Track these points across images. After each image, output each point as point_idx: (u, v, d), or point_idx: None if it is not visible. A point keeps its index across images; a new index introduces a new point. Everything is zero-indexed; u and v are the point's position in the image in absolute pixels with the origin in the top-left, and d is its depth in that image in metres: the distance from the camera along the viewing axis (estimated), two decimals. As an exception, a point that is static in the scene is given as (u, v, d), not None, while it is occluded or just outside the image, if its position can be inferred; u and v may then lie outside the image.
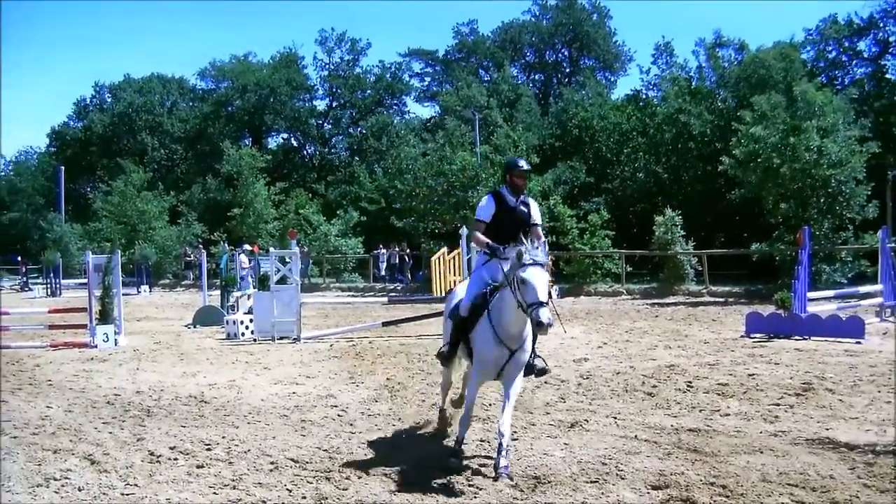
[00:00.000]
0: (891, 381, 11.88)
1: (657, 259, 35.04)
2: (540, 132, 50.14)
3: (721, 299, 29.47)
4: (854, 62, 43.83)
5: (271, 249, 22.18)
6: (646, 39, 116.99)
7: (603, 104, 51.21)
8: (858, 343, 16.21)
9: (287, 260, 20.07)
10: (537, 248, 7.62)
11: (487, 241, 8.31)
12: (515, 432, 9.02)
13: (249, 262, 26.65)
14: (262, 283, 20.62)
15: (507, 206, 8.46)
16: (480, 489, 7.19)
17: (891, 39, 42.63)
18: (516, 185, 8.55)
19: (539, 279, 7.40)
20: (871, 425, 9.36)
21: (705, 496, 6.93)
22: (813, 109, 29.42)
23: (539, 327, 7.25)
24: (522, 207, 8.53)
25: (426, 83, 71.46)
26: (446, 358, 8.76)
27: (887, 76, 43.04)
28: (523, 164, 8.66)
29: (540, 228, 8.55)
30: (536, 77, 68.84)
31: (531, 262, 7.46)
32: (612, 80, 66.10)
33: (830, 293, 22.02)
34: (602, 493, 7.09)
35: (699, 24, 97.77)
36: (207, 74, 71.85)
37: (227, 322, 20.18)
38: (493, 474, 7.48)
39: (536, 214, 8.63)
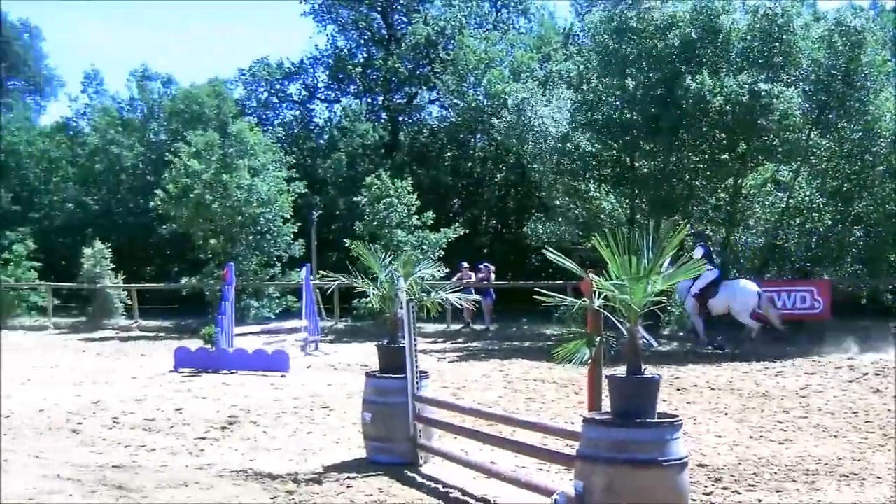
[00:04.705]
0: (312, 412, 12.50)
1: (86, 292, 33.45)
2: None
3: (151, 334, 28.77)
4: (284, 104, 46.05)
5: None
6: (80, 66, 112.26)
7: (31, 129, 47.68)
8: (283, 376, 16.69)
9: None
10: None
11: None
12: None
13: None
14: None
15: None
16: None
17: (319, 85, 45.72)
18: None
19: None
20: (292, 455, 9.63)
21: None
22: (246, 148, 30.45)
23: None
24: None
25: None
26: None
27: (314, 119, 46.21)
28: None
29: None
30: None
31: None
32: (42, 104, 61.63)
33: (258, 328, 22.82)
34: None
35: (132, 55, 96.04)
36: None
37: None
38: None
39: None
